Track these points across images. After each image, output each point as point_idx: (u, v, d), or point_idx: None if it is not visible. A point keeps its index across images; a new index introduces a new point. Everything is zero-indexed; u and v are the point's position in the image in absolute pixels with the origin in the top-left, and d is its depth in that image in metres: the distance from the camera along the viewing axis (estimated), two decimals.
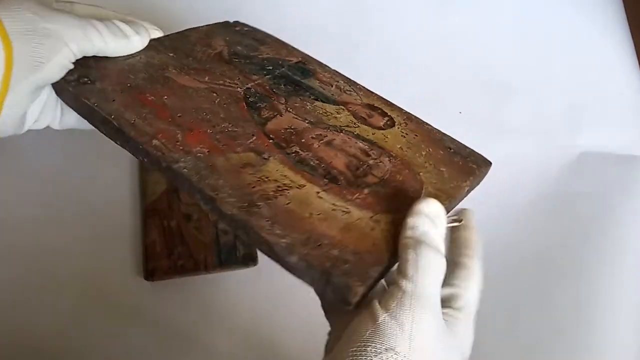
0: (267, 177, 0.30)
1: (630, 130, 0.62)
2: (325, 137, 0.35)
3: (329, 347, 0.33)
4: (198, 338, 0.52)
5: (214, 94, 0.36)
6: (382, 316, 0.26)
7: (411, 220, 0.28)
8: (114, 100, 0.33)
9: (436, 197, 0.32)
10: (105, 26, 0.35)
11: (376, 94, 0.41)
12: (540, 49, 0.65)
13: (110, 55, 0.36)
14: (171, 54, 0.39)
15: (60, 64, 0.33)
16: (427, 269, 0.26)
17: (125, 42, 0.36)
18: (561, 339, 0.52)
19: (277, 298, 0.54)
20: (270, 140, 0.34)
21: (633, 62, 0.65)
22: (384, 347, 0.25)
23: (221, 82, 0.37)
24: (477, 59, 0.64)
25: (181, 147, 0.31)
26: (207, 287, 0.53)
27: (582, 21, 0.66)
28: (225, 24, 0.45)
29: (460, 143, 0.40)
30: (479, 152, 0.39)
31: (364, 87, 0.42)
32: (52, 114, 0.37)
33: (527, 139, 0.61)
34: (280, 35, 0.64)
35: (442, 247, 0.28)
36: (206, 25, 0.44)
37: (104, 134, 0.33)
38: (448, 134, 0.42)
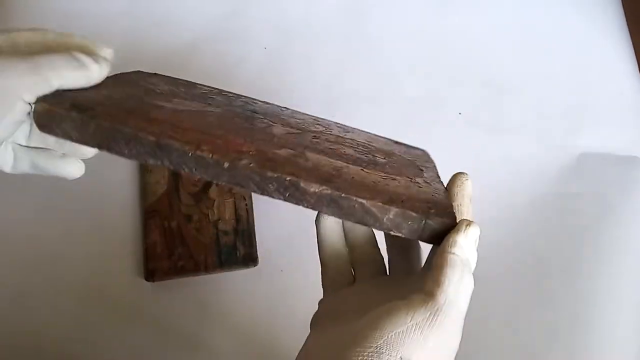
0: (318, 164, 0.32)
1: (630, 130, 0.62)
2: (319, 137, 0.36)
3: (316, 321, 0.34)
4: (198, 338, 0.52)
5: (209, 114, 0.35)
6: (407, 324, 0.25)
7: (461, 240, 0.28)
8: (128, 122, 0.30)
9: (427, 170, 0.37)
10: (62, 59, 0.30)
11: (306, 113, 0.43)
12: (540, 49, 0.65)
13: (68, 88, 0.31)
14: (135, 89, 0.36)
15: (14, 121, 0.30)
16: (466, 293, 0.27)
17: (84, 73, 0.31)
18: (561, 338, 0.52)
19: (277, 298, 0.54)
20: (288, 141, 0.34)
21: (632, 62, 0.65)
22: (399, 356, 0.25)
23: (203, 106, 0.37)
24: (477, 59, 0.64)
25: (231, 151, 0.30)
26: (208, 287, 0.53)
27: (582, 21, 0.66)
28: (139, 72, 0.42)
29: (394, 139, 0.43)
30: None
31: (294, 110, 0.43)
32: (0, 158, 0.33)
33: (527, 139, 0.61)
34: (280, 36, 0.64)
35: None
36: (124, 73, 0.40)
37: (128, 155, 0.30)
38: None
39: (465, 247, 0.28)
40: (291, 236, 0.56)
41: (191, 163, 0.29)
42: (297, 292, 0.54)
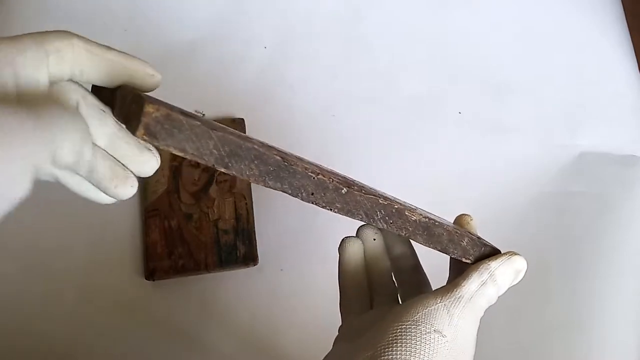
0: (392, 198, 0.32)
1: (630, 130, 0.62)
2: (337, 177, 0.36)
3: (336, 342, 0.34)
4: (198, 337, 0.52)
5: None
6: (437, 304, 0.30)
7: (501, 259, 0.32)
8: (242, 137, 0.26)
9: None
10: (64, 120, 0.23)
11: None
12: (540, 48, 0.65)
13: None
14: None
15: (30, 181, 0.23)
16: (487, 297, 0.31)
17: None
18: (561, 338, 0.52)
19: (277, 298, 0.54)
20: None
21: (632, 62, 0.65)
22: (433, 329, 0.28)
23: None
24: (477, 58, 0.64)
25: (337, 179, 0.29)
26: (208, 286, 0.53)
27: (582, 21, 0.66)
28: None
29: None
30: None
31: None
32: None
33: (527, 138, 0.61)
34: (279, 35, 0.64)
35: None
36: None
37: (247, 175, 0.26)
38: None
39: (500, 266, 0.32)
40: (291, 236, 0.56)
41: (311, 187, 0.28)
42: (297, 291, 0.54)
